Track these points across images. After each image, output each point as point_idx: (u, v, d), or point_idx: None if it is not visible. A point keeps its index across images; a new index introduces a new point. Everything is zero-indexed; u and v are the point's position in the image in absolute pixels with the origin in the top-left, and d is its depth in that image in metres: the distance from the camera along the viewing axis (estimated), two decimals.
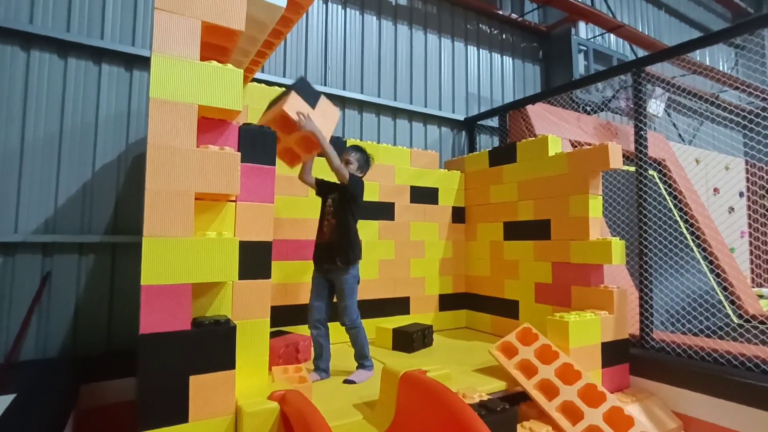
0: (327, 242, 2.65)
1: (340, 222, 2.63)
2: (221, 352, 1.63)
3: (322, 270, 2.66)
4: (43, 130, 2.87)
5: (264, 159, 2.00)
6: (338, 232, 2.62)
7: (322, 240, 2.69)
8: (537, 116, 4.45)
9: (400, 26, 4.62)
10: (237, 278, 1.69)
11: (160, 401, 1.53)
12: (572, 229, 3.15)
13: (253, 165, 1.97)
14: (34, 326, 2.76)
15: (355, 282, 2.63)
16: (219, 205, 1.86)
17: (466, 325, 4.06)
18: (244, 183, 1.91)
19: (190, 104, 1.67)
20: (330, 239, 2.64)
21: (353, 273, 2.62)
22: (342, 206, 2.64)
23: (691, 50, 3.14)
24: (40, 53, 2.88)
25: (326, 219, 2.71)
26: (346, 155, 2.73)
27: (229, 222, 1.88)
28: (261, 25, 2.29)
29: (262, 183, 1.99)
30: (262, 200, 1.99)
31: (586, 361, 2.63)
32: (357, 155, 2.76)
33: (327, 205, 2.73)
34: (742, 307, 4.65)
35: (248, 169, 1.95)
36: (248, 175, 1.94)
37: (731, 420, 2.43)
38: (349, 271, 2.60)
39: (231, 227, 1.89)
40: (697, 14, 8.35)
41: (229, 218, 1.88)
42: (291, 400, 1.67)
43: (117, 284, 3.01)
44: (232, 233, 1.89)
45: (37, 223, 2.81)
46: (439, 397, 1.78)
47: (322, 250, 2.67)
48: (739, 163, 6.39)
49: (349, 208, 2.64)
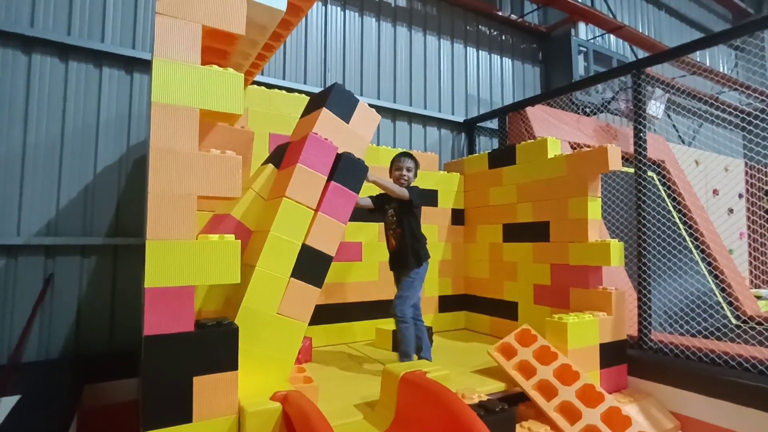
0: (397, 251, 2.80)
1: (406, 231, 2.76)
2: (224, 353, 1.65)
3: (398, 272, 2.84)
4: (44, 133, 2.89)
5: (352, 185, 2.21)
6: (406, 240, 2.75)
7: (392, 249, 2.84)
8: (536, 118, 4.46)
9: (399, 28, 4.63)
10: (238, 280, 1.70)
11: (163, 401, 1.54)
12: (571, 231, 3.17)
13: (341, 187, 2.17)
14: (37, 328, 2.78)
15: (416, 276, 2.73)
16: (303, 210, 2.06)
17: (466, 326, 4.08)
18: (330, 198, 2.12)
19: (192, 108, 1.68)
20: (399, 247, 2.78)
21: (419, 270, 2.73)
22: (404, 215, 2.77)
23: (691, 51, 3.16)
24: (41, 56, 2.90)
25: (391, 229, 2.83)
26: (402, 163, 2.83)
27: (304, 226, 2.06)
28: (261, 29, 2.31)
29: (344, 204, 2.18)
30: (339, 219, 2.17)
31: (585, 362, 2.65)
32: (413, 162, 2.87)
33: (389, 216, 2.84)
34: (740, 308, 4.67)
35: (337, 188, 2.16)
36: (335, 193, 2.15)
37: (728, 420, 2.45)
38: (417, 269, 2.72)
39: (304, 231, 2.06)
40: (698, 15, 8.36)
41: (305, 223, 2.07)
42: (293, 400, 1.68)
43: (119, 286, 3.03)
44: (304, 237, 2.06)
45: (39, 226, 2.83)
46: (438, 398, 1.80)
47: (395, 258, 2.84)
48: (739, 164, 6.40)
49: (411, 215, 2.78)
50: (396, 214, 2.79)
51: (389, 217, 2.83)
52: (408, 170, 2.83)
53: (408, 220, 2.76)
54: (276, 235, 1.99)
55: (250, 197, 2.25)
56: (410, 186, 2.82)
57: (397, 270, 2.84)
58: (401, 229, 2.76)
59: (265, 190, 2.30)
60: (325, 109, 2.23)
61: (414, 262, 2.72)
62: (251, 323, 1.88)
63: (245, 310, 1.88)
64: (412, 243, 2.74)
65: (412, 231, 2.76)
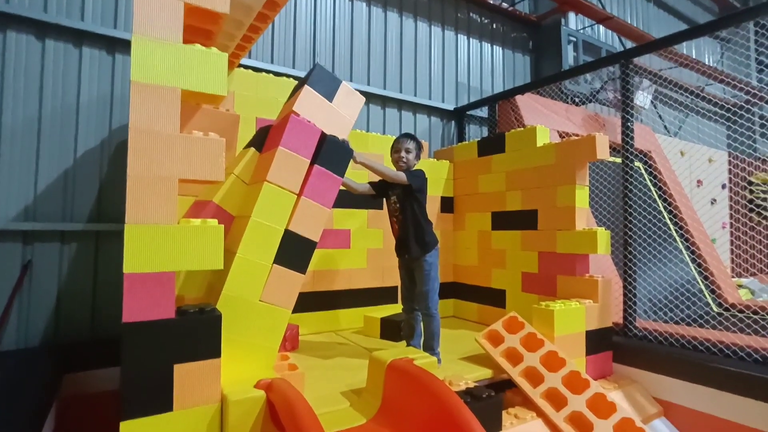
0: (402, 238, 2.69)
1: (409, 217, 2.63)
2: (206, 341, 1.61)
3: (404, 260, 2.74)
4: (21, 115, 2.77)
5: (336, 169, 2.15)
6: (410, 227, 2.63)
7: (397, 236, 2.74)
8: (526, 107, 4.45)
9: (390, 13, 4.56)
10: (222, 266, 1.66)
11: (144, 390, 1.51)
12: (559, 219, 3.18)
13: (325, 170, 2.11)
14: (15, 315, 2.70)
15: (431, 268, 2.62)
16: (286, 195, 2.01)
17: (454, 314, 4.10)
18: (313, 183, 2.07)
19: (173, 88, 1.62)
20: (403, 235, 2.67)
21: (429, 260, 2.62)
22: (407, 202, 2.64)
23: (677, 42, 3.16)
24: (17, 34, 2.78)
25: (394, 216, 2.73)
26: (400, 144, 2.69)
27: (286, 211, 2.01)
28: (246, 9, 2.24)
29: (328, 189, 2.13)
30: (323, 203, 2.11)
31: (571, 349, 2.68)
32: (414, 143, 2.71)
33: (392, 203, 2.73)
34: (722, 296, 4.78)
35: (321, 172, 2.10)
36: (318, 178, 2.10)
37: (709, 405, 2.51)
38: (426, 258, 2.61)
39: (286, 217, 2.01)
40: (685, 7, 8.42)
41: (287, 208, 2.01)
42: (277, 388, 1.66)
43: (101, 273, 2.95)
44: (286, 222, 2.01)
45: (16, 211, 2.74)
46: (425, 385, 1.80)
47: (400, 244, 2.73)
48: (722, 155, 6.50)
49: (415, 201, 2.63)
50: (399, 200, 2.67)
51: (392, 204, 2.72)
52: (407, 152, 2.67)
53: (410, 205, 2.62)
54: (257, 220, 1.93)
55: (230, 181, 2.19)
56: (411, 169, 2.67)
57: (403, 258, 2.73)
58: (403, 216, 2.65)
59: (246, 175, 2.24)
60: (307, 86, 2.16)
61: (419, 249, 2.60)
62: (233, 310, 1.84)
63: (226, 298, 1.84)
64: (416, 230, 2.62)
65: (415, 217, 2.63)
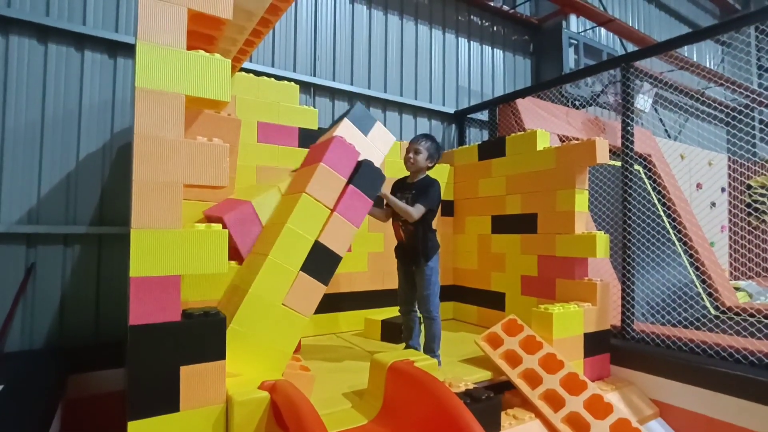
0: (407, 245, 2.69)
1: (419, 230, 2.63)
2: (211, 343, 1.64)
3: (405, 263, 2.74)
4: (24, 119, 2.80)
5: (368, 192, 2.26)
6: (417, 238, 2.63)
7: (401, 241, 2.73)
8: (527, 110, 4.47)
9: (390, 16, 4.58)
10: (226, 269, 1.69)
11: (150, 391, 1.53)
12: (558, 223, 3.20)
13: (359, 191, 2.23)
14: (20, 318, 2.73)
15: (432, 273, 2.63)
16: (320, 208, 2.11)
17: (454, 316, 4.12)
18: (346, 201, 2.17)
19: (177, 94, 1.64)
20: (410, 243, 2.67)
21: (430, 265, 2.63)
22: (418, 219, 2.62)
23: (678, 46, 3.17)
24: (19, 38, 2.80)
25: (400, 220, 2.67)
26: (412, 144, 2.67)
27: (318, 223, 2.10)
28: (249, 14, 2.26)
29: (359, 208, 2.24)
30: (352, 222, 2.20)
31: (569, 351, 2.70)
32: (427, 144, 2.67)
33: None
34: (720, 299, 4.80)
35: (355, 192, 2.21)
36: (352, 197, 2.20)
37: (705, 406, 2.53)
38: (427, 263, 2.63)
39: (318, 228, 2.09)
40: (687, 10, 8.44)
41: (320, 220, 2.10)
42: (281, 389, 1.69)
43: (104, 275, 2.98)
44: (317, 234, 2.09)
45: (20, 214, 2.76)
46: (425, 387, 1.82)
47: (402, 251, 2.74)
48: (722, 159, 6.52)
49: (425, 219, 2.62)
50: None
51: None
52: (416, 152, 2.62)
53: (421, 219, 2.60)
54: (291, 228, 2.01)
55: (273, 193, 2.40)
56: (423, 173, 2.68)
57: (407, 260, 2.72)
58: (414, 227, 2.63)
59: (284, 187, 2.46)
60: (347, 119, 2.34)
61: (423, 260, 2.62)
62: (257, 310, 1.91)
63: (252, 296, 1.90)
64: (422, 242, 2.62)
65: (424, 233, 2.63)
